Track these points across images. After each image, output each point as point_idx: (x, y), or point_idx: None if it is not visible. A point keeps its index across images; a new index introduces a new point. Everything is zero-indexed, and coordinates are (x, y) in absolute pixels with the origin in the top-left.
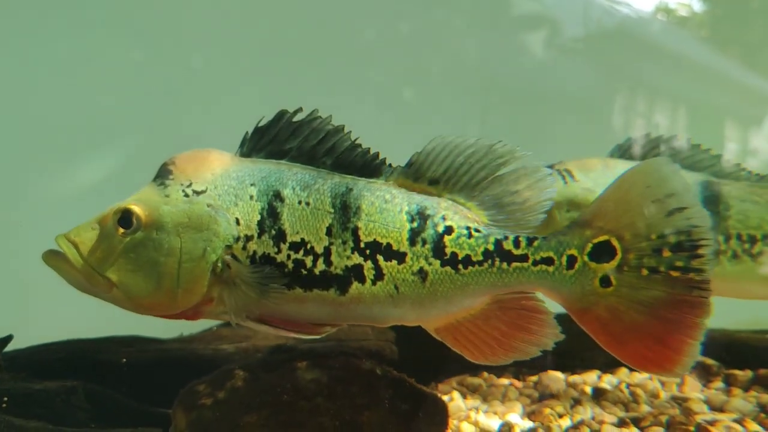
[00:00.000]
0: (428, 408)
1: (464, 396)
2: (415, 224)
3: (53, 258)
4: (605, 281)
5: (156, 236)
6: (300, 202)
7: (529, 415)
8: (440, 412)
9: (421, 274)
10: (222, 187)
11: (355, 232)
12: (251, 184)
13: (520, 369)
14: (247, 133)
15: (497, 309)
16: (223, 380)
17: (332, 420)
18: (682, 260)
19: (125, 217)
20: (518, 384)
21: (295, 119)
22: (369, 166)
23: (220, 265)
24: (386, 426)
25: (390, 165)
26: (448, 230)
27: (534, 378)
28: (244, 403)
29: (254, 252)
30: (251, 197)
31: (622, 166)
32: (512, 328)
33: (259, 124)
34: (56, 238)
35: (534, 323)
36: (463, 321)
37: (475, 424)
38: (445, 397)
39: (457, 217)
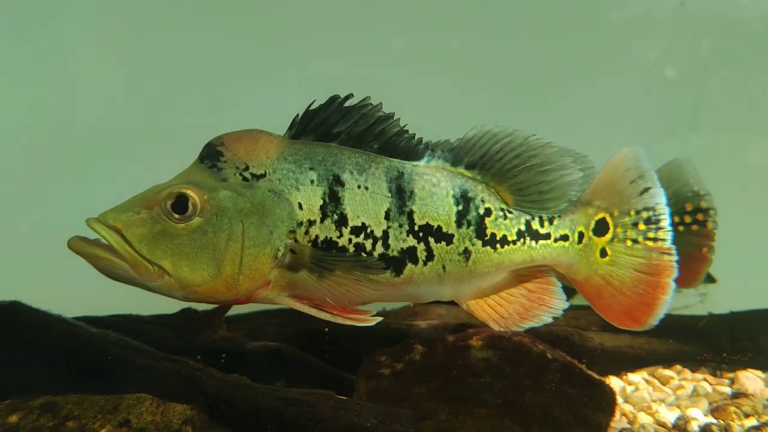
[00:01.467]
0: (596, 394)
1: (654, 388)
2: (460, 207)
3: (86, 245)
4: (603, 252)
5: (216, 222)
6: (359, 187)
7: (713, 411)
8: (608, 399)
9: (466, 254)
10: (281, 170)
11: (410, 215)
12: (310, 168)
13: (720, 365)
14: (297, 115)
15: (518, 282)
16: (402, 353)
17: (495, 398)
18: (653, 231)
19: (180, 202)
20: (712, 380)
21: (346, 104)
22: (413, 151)
23: (282, 250)
24: (548, 408)
25: (432, 150)
26: (488, 212)
27: (731, 375)
28: (417, 375)
29: (316, 236)
30: (312, 182)
31: None
32: (531, 299)
33: (311, 107)
34: (90, 223)
35: (547, 294)
36: (490, 295)
37: (654, 415)
38: (630, 387)
39: (492, 199)
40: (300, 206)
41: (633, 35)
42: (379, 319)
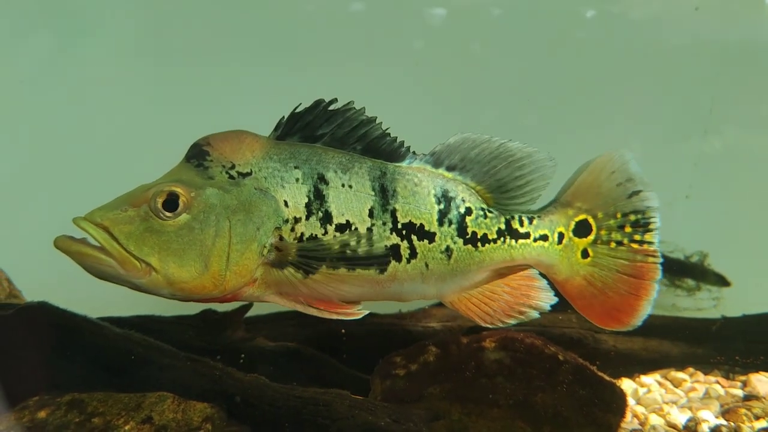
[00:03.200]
0: (606, 395)
1: (666, 390)
2: (441, 206)
3: (72, 243)
4: (584, 253)
5: (203, 218)
6: (343, 185)
7: (724, 413)
8: (618, 401)
9: (448, 252)
10: (266, 169)
11: (393, 213)
12: (295, 167)
13: (733, 368)
14: (283, 117)
15: (501, 281)
16: (417, 354)
17: (506, 398)
18: (639, 234)
19: (171, 200)
20: (725, 383)
21: (330, 108)
22: (395, 153)
23: (267, 246)
24: (559, 408)
25: (414, 152)
26: (468, 211)
27: (743, 378)
28: (431, 376)
29: (302, 234)
30: (297, 180)
31: None
32: (515, 296)
33: (296, 110)
34: (77, 221)
35: (532, 291)
36: (474, 293)
37: (665, 416)
38: (642, 389)
39: (472, 198)
40: (286, 204)
41: (649, 37)
42: (366, 312)
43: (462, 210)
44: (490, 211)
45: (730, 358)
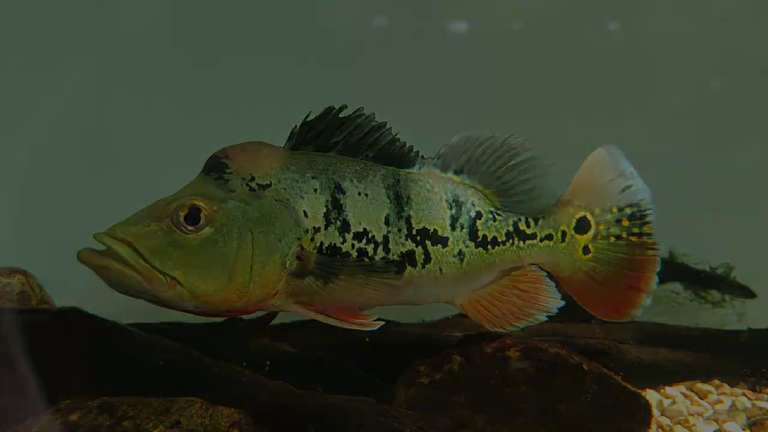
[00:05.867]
0: (631, 406)
1: (691, 402)
2: (453, 211)
3: (97, 257)
4: (585, 250)
5: (226, 231)
6: (360, 194)
7: (751, 426)
8: (643, 411)
9: (460, 255)
10: (285, 180)
11: (408, 220)
12: (312, 177)
13: (760, 380)
14: (295, 126)
15: (510, 283)
16: (441, 362)
17: (531, 407)
18: (637, 227)
19: (193, 214)
20: (751, 395)
21: (341, 115)
22: (405, 158)
23: (290, 257)
24: (584, 418)
25: (423, 157)
26: (478, 215)
27: None
28: (455, 385)
29: (321, 243)
30: (315, 190)
31: None
32: (524, 299)
33: (307, 119)
34: (99, 237)
35: (540, 293)
36: (483, 295)
37: (691, 428)
38: (667, 401)
39: (481, 202)
40: (305, 214)
41: (674, 49)
42: (382, 322)
43: (472, 214)
44: (498, 214)
45: (757, 371)
